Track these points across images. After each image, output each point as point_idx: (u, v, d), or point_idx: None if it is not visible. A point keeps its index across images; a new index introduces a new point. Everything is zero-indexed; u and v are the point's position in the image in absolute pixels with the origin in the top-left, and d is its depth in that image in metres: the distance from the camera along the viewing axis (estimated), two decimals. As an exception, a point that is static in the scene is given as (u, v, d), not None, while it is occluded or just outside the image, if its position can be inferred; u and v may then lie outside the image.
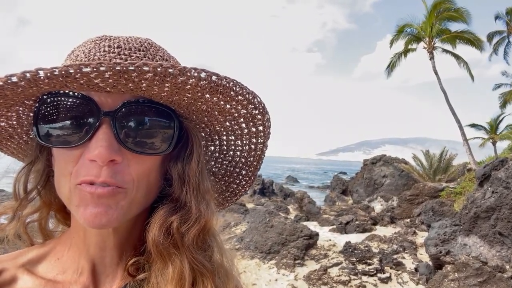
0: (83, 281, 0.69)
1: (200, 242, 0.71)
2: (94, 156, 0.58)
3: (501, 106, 28.64)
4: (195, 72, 0.56)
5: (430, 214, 10.22)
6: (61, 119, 0.62)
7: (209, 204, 0.72)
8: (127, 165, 0.63)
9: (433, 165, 17.61)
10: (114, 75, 0.53)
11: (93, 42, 0.68)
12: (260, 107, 0.70)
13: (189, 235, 0.67)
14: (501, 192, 6.10)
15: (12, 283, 0.65)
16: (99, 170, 0.59)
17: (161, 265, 0.67)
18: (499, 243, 5.97)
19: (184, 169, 0.70)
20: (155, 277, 0.67)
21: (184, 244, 0.67)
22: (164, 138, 0.66)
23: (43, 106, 0.62)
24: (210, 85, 0.59)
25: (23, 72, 0.51)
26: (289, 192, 23.60)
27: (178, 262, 0.66)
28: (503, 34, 27.41)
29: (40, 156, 0.72)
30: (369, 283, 7.04)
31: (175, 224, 0.67)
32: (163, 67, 0.53)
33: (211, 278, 0.69)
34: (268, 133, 0.77)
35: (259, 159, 0.83)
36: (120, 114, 0.61)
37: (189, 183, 0.70)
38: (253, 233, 9.11)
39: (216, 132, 0.78)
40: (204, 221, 0.69)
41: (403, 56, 23.25)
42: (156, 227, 0.66)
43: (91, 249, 0.70)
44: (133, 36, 0.71)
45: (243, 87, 0.64)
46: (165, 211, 0.68)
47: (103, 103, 0.61)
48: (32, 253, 0.71)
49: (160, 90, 0.58)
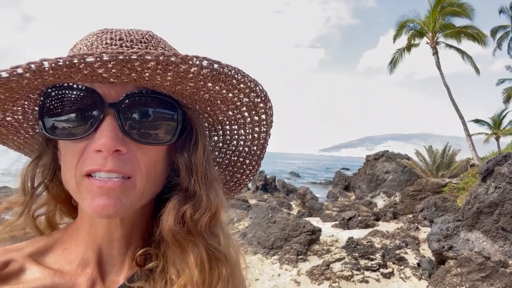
0: (90, 272, 0.70)
1: (211, 229, 0.73)
2: (99, 145, 0.59)
3: (505, 101, 28.45)
4: (197, 60, 0.56)
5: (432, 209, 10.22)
6: (66, 111, 0.62)
7: (218, 191, 0.73)
8: (134, 156, 0.64)
9: (436, 161, 17.56)
10: (117, 64, 0.53)
11: (95, 35, 0.69)
12: (262, 95, 0.70)
13: (202, 222, 0.69)
14: (504, 188, 6.09)
15: (20, 273, 0.66)
16: (105, 160, 0.60)
17: (180, 253, 0.68)
18: (502, 238, 5.97)
19: (190, 158, 0.71)
20: (172, 264, 0.68)
21: (198, 232, 0.69)
22: (168, 128, 0.67)
23: (48, 99, 0.62)
24: (212, 73, 0.59)
25: (28, 63, 0.52)
26: (292, 188, 23.60)
27: (196, 249, 0.68)
28: (508, 29, 27.19)
29: (47, 149, 0.73)
30: (371, 278, 7.05)
31: (189, 213, 0.68)
32: (165, 55, 0.54)
33: (225, 262, 0.72)
34: (270, 121, 0.77)
35: (262, 148, 0.84)
36: (124, 105, 0.62)
37: (197, 172, 0.71)
38: (256, 229, 9.14)
39: (219, 122, 0.79)
40: (215, 208, 0.71)
41: (406, 51, 23.11)
42: (171, 216, 0.68)
43: (97, 240, 0.71)
44: (134, 29, 0.72)
45: (244, 75, 0.64)
46: (178, 201, 0.69)
47: (107, 95, 0.62)
48: (39, 243, 0.72)
49: (162, 79, 0.59)
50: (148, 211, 0.75)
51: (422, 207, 11.13)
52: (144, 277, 0.70)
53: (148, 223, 0.76)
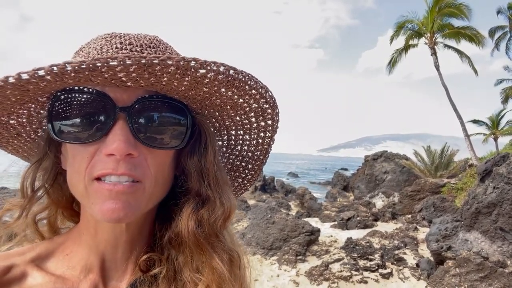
0: (93, 277, 0.69)
1: (225, 232, 0.74)
2: (112, 150, 0.59)
3: (503, 101, 28.52)
4: (214, 65, 0.57)
5: (431, 210, 10.23)
6: (75, 115, 0.62)
7: (229, 195, 0.74)
8: (144, 159, 0.64)
9: (435, 161, 17.60)
10: (139, 68, 0.54)
11: (103, 39, 0.69)
12: (271, 101, 0.71)
13: (217, 225, 0.70)
14: (503, 188, 6.10)
15: (22, 279, 0.65)
16: (116, 164, 0.60)
17: (199, 255, 0.70)
18: (501, 239, 5.98)
19: (201, 163, 0.72)
20: (187, 268, 0.70)
21: (216, 234, 0.71)
22: (178, 133, 0.67)
23: (57, 103, 0.62)
24: (228, 79, 0.60)
25: (50, 66, 0.51)
26: (291, 189, 23.62)
27: (219, 250, 0.70)
28: (505, 29, 27.24)
29: (48, 153, 0.72)
30: (370, 279, 7.06)
31: (206, 217, 0.69)
32: (185, 60, 0.54)
33: (239, 261, 0.74)
34: (276, 127, 0.78)
35: (265, 153, 0.84)
36: (135, 110, 0.62)
37: (208, 177, 0.72)
38: (254, 229, 9.13)
39: (225, 127, 0.79)
40: (228, 211, 0.72)
41: (404, 52, 23.15)
42: (192, 220, 0.69)
43: (101, 246, 0.70)
44: (142, 34, 0.72)
45: (257, 81, 0.65)
46: (194, 205, 0.70)
47: (118, 99, 0.61)
48: (40, 248, 0.71)
49: (179, 84, 0.59)
50: (152, 216, 0.75)
51: (421, 207, 11.15)
52: (147, 282, 0.70)
53: (152, 228, 0.76)
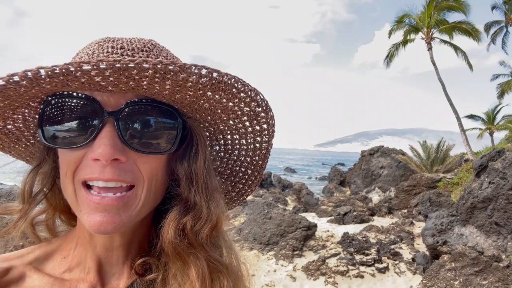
0: (90, 280, 0.69)
1: (213, 240, 0.72)
2: (97, 155, 0.58)
3: (499, 96, 28.68)
4: (195, 68, 0.55)
5: (427, 204, 10.30)
6: (65, 120, 0.62)
7: (218, 202, 0.72)
8: (134, 164, 0.63)
9: (431, 156, 17.69)
10: (114, 72, 0.52)
11: (96, 44, 0.68)
12: (263, 105, 0.69)
13: (203, 234, 0.68)
14: (498, 183, 6.15)
15: (20, 281, 0.66)
16: (103, 169, 0.59)
17: (181, 265, 0.68)
18: (495, 233, 6.04)
19: (191, 168, 0.71)
20: (173, 277, 0.68)
21: (199, 243, 0.68)
22: (168, 137, 0.66)
23: (47, 108, 0.61)
24: (212, 82, 0.58)
25: (24, 71, 0.51)
26: (287, 184, 23.67)
27: (197, 261, 0.68)
28: (501, 24, 27.32)
29: (47, 158, 0.72)
30: (366, 273, 7.11)
31: (189, 225, 0.68)
32: (163, 64, 0.53)
33: (226, 274, 0.71)
34: (272, 131, 0.76)
35: (264, 158, 0.83)
36: (124, 114, 0.61)
37: (197, 182, 0.70)
38: (251, 225, 9.16)
39: (220, 131, 0.78)
40: (215, 219, 0.70)
41: (401, 46, 23.15)
42: (171, 229, 0.67)
43: (97, 249, 0.70)
44: (137, 37, 0.71)
45: (245, 84, 0.63)
46: (178, 212, 0.69)
47: (106, 103, 0.61)
48: (38, 251, 0.72)
49: (161, 88, 0.57)
50: (148, 221, 0.75)
51: (417, 202, 11.22)
52: (143, 286, 0.69)
53: (147, 232, 0.75)
